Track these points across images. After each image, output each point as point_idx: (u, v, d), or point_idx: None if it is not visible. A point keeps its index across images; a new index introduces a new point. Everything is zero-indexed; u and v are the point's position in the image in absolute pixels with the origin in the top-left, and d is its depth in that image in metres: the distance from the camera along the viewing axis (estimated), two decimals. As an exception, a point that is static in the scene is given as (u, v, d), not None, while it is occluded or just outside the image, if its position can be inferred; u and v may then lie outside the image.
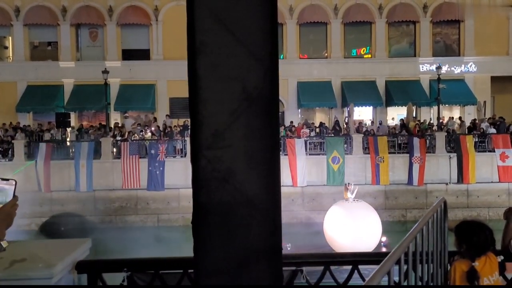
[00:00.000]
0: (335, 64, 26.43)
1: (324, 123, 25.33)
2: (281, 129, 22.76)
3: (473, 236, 2.80)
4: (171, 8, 25.77)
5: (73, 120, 25.93)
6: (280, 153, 21.46)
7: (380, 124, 24.73)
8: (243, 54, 1.53)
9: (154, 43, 26.55)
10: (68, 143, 21.98)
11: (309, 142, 20.89)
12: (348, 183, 15.93)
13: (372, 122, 24.83)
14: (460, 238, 2.85)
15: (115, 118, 26.04)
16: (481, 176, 19.96)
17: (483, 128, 22.34)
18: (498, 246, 3.03)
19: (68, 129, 23.71)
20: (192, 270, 2.43)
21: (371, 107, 27.06)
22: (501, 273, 2.88)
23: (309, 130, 22.92)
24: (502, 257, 2.85)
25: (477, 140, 21.05)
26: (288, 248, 14.47)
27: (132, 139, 21.51)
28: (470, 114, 26.22)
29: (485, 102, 25.67)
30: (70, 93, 25.86)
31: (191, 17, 1.52)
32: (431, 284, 2.46)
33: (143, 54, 26.65)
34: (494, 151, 20.26)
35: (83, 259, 2.66)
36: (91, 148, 19.74)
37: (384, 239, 14.21)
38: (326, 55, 27.17)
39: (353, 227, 13.33)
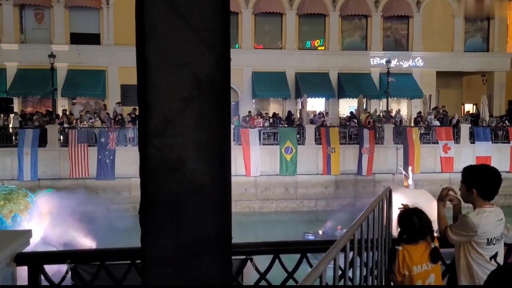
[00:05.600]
0: (289, 55, 26.64)
1: (278, 114, 25.56)
2: (235, 118, 22.74)
3: (408, 223, 2.97)
4: (123, -9, 24.84)
5: (17, 106, 24.54)
6: (234, 142, 21.41)
7: (327, 113, 25.26)
8: (194, 40, 1.49)
9: (105, 27, 25.57)
10: (10, 130, 20.90)
11: (263, 132, 21.03)
12: (405, 173, 17.41)
13: (327, 113, 25.34)
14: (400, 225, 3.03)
15: (63, 104, 24.95)
16: (425, 166, 20.95)
17: (428, 121, 23.38)
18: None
19: (11, 115, 22.46)
20: (140, 261, 2.39)
21: (323, 99, 27.58)
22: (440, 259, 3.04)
23: (263, 120, 23.05)
24: (435, 244, 2.99)
25: (422, 132, 22.04)
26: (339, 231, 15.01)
27: (81, 126, 20.76)
28: (416, 107, 27.33)
29: (430, 95, 26.85)
30: (13, 77, 24.47)
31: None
32: (376, 270, 2.55)
33: (93, 39, 25.60)
34: (438, 143, 21.31)
35: (23, 251, 2.53)
36: (36, 135, 18.94)
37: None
38: (281, 46, 27.32)
39: None
